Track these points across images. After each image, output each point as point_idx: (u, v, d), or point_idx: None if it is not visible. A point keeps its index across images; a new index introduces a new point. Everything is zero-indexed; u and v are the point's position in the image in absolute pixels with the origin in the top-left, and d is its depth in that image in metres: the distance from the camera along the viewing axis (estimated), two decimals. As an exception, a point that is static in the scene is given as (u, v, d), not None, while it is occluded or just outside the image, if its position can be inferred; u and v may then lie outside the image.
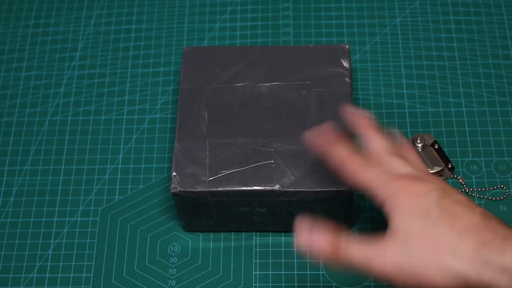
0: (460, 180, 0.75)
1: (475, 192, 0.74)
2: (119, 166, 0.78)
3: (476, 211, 0.50)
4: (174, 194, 0.67)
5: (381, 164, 0.54)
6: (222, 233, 0.74)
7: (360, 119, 0.59)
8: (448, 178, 0.75)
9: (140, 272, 0.72)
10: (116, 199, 0.76)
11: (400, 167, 0.54)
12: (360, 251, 0.52)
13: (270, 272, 0.71)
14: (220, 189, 0.66)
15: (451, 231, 0.49)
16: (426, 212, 0.50)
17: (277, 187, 0.66)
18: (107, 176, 0.78)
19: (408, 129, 0.78)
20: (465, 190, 0.74)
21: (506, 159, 0.76)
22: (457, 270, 0.48)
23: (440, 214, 0.50)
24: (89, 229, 0.75)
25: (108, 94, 0.83)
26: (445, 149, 0.77)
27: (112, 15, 0.89)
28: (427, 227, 0.50)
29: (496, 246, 0.48)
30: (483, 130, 0.78)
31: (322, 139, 0.58)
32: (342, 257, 0.52)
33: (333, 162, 0.56)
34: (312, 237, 0.53)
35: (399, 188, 0.52)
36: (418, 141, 0.75)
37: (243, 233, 0.74)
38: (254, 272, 0.71)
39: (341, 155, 0.56)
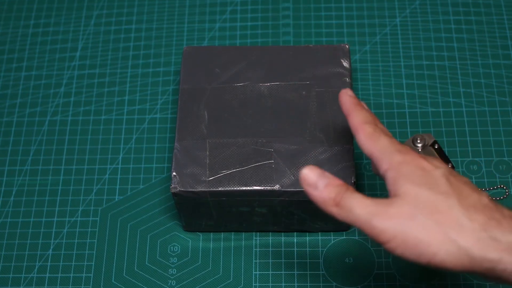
0: (460, 180, 0.75)
1: (475, 192, 0.74)
2: (119, 166, 0.78)
3: (483, 193, 0.50)
4: (174, 194, 0.67)
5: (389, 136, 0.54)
6: (222, 233, 0.74)
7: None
8: (448, 178, 0.75)
9: (140, 272, 0.72)
10: (116, 199, 0.76)
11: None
12: (364, 206, 0.50)
13: (270, 272, 0.71)
14: (220, 189, 0.66)
15: (460, 207, 0.48)
16: (434, 185, 0.49)
17: (277, 187, 0.66)
18: (107, 176, 0.78)
19: (408, 129, 0.78)
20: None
21: (506, 159, 0.76)
22: (462, 246, 0.47)
23: (449, 189, 0.49)
24: (89, 229, 0.75)
25: (108, 94, 0.83)
26: (445, 149, 0.77)
27: (112, 15, 0.89)
28: (436, 198, 0.49)
29: (505, 225, 0.47)
30: (483, 130, 0.78)
31: (345, 100, 0.56)
32: (344, 208, 0.50)
33: (350, 127, 0.55)
34: (319, 178, 0.52)
35: (406, 159, 0.51)
36: (418, 141, 0.75)
37: (243, 233, 0.74)
38: (254, 272, 0.71)
39: (355, 122, 0.55)
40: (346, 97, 0.56)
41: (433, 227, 0.48)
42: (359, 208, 0.50)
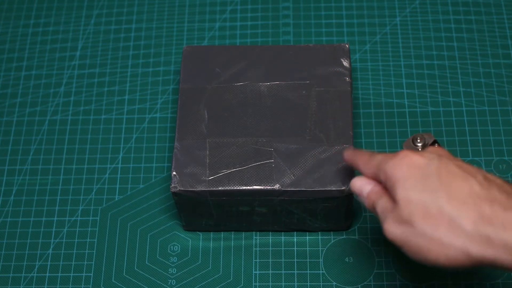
0: (460, 179, 0.75)
1: (475, 192, 0.74)
2: (119, 165, 0.78)
3: (477, 178, 0.50)
4: (174, 194, 0.67)
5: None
6: (222, 233, 0.74)
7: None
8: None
9: (140, 271, 0.72)
10: (116, 199, 0.76)
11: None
12: (382, 205, 0.53)
13: (270, 272, 0.71)
14: (220, 188, 0.66)
15: (449, 205, 0.49)
16: (425, 183, 0.51)
17: (277, 186, 0.66)
18: (107, 175, 0.78)
19: (408, 129, 0.78)
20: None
21: (506, 158, 0.76)
22: (459, 248, 0.48)
23: (438, 184, 0.50)
24: (89, 229, 0.75)
25: (108, 94, 0.83)
26: (445, 149, 0.77)
27: (112, 15, 0.89)
28: (426, 199, 0.50)
29: (497, 221, 0.47)
30: (483, 130, 0.78)
31: (347, 155, 0.61)
32: (376, 212, 0.54)
33: (353, 166, 0.60)
34: (363, 187, 0.57)
35: (399, 160, 0.53)
36: (418, 141, 0.75)
37: (243, 232, 0.74)
38: (254, 272, 0.71)
39: (356, 162, 0.59)
40: (347, 153, 0.61)
41: (429, 233, 0.49)
42: (379, 207, 0.54)
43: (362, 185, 0.57)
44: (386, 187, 0.54)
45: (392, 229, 0.52)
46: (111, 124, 0.81)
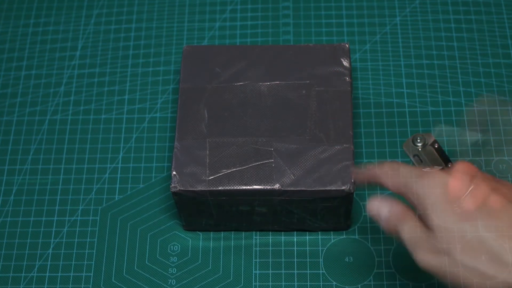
0: (460, 179, 0.75)
1: (475, 192, 0.74)
2: (119, 165, 0.78)
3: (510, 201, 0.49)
4: (174, 193, 0.67)
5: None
6: (222, 232, 0.74)
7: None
8: (448, 178, 0.75)
9: (140, 271, 0.72)
10: (116, 198, 0.76)
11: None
12: (411, 233, 0.51)
13: (270, 272, 0.71)
14: (220, 188, 0.66)
15: (490, 235, 0.48)
16: (462, 209, 0.49)
17: (277, 186, 0.66)
18: (107, 175, 0.78)
19: (408, 129, 0.78)
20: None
21: (506, 158, 0.76)
22: (500, 280, 0.48)
23: (477, 212, 0.49)
24: (89, 228, 0.75)
25: (108, 93, 0.83)
26: (445, 149, 0.77)
27: (112, 14, 0.89)
28: (466, 229, 0.48)
29: None
30: (483, 130, 0.78)
31: (363, 175, 0.59)
32: (399, 234, 0.52)
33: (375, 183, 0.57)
34: (381, 209, 0.54)
35: (430, 181, 0.51)
36: (418, 141, 0.75)
37: (243, 232, 0.74)
38: (254, 271, 0.71)
39: (377, 177, 0.57)
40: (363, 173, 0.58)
41: (470, 264, 0.48)
42: (407, 234, 0.52)
43: (379, 207, 0.54)
44: (414, 206, 0.52)
45: (428, 259, 0.50)
46: (111, 124, 0.81)
